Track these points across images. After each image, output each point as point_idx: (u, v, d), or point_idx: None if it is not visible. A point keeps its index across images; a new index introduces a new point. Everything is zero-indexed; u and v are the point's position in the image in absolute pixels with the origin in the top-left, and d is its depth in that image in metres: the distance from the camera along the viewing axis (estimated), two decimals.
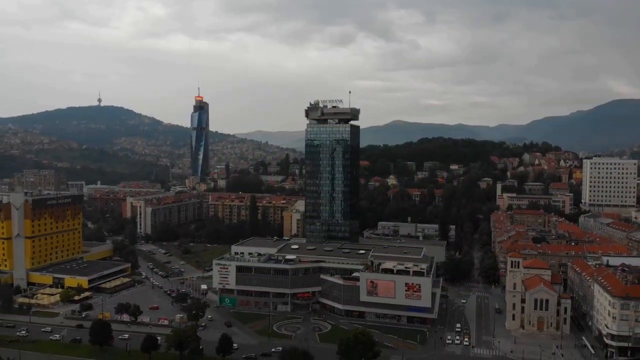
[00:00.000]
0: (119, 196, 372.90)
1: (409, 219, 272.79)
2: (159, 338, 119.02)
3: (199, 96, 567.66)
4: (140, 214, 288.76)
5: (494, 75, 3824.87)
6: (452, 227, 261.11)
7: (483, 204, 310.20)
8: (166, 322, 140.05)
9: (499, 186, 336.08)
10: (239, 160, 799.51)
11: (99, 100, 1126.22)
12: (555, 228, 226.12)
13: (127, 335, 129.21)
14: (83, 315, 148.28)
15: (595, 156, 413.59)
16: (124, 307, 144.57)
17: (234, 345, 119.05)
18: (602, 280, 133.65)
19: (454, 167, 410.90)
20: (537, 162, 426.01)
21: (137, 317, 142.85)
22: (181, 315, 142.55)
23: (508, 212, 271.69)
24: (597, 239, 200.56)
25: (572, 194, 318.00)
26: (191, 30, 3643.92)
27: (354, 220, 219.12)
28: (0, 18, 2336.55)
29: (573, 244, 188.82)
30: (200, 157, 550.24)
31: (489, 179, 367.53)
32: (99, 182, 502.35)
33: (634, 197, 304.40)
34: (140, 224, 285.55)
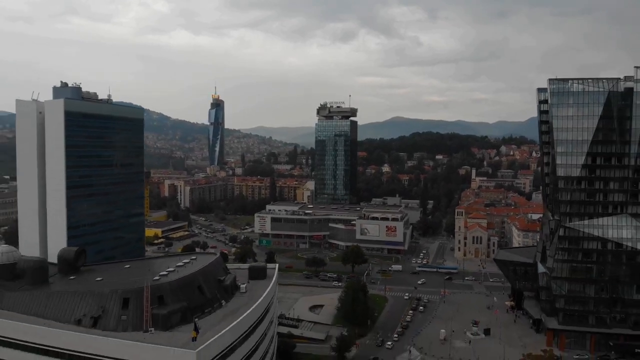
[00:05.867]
0: (153, 180, 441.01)
1: (397, 195, 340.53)
2: (229, 257, 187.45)
3: (215, 94, 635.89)
4: (180, 192, 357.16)
5: (496, 72, 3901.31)
6: (431, 201, 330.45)
7: (459, 186, 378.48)
8: (226, 252, 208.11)
9: (473, 171, 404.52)
10: (246, 154, 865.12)
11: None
12: (507, 199, 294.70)
13: None
14: (166, 250, 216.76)
15: None
16: (196, 244, 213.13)
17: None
18: (516, 222, 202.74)
19: (439, 157, 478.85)
20: (511, 153, 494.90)
21: (205, 249, 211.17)
22: (235, 248, 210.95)
23: (475, 190, 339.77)
24: (534, 205, 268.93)
25: (532, 177, 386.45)
26: (194, 26, 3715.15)
27: (352, 194, 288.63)
28: (3, 14, 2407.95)
29: (513, 207, 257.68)
30: (217, 149, 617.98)
31: (468, 166, 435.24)
32: None
33: None
34: (181, 200, 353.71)
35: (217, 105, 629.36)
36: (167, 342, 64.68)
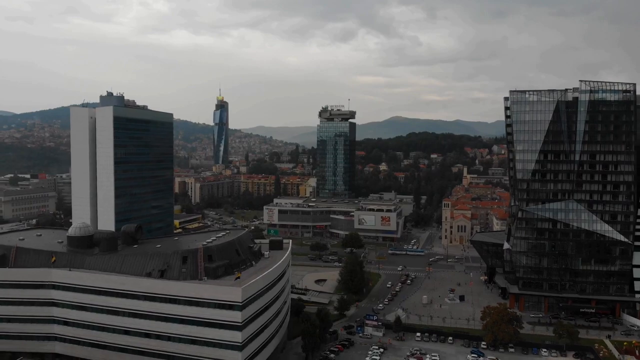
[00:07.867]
0: None
1: (393, 191, 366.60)
2: None
3: (219, 96, 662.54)
4: (191, 189, 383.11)
5: (495, 72, 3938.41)
6: (424, 197, 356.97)
7: (451, 183, 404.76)
8: None
9: (465, 169, 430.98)
10: (248, 154, 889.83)
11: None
12: (493, 194, 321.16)
13: None
14: None
15: None
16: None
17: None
18: (496, 213, 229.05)
19: (434, 156, 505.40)
20: (502, 152, 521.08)
21: None
22: None
23: (465, 187, 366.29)
24: None
25: None
26: (194, 26, 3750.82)
27: (351, 190, 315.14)
28: (3, 14, 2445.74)
29: (497, 201, 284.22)
30: (222, 148, 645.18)
31: (461, 165, 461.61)
32: None
33: None
34: (191, 196, 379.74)
35: (222, 107, 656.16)
36: (217, 285, 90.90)
